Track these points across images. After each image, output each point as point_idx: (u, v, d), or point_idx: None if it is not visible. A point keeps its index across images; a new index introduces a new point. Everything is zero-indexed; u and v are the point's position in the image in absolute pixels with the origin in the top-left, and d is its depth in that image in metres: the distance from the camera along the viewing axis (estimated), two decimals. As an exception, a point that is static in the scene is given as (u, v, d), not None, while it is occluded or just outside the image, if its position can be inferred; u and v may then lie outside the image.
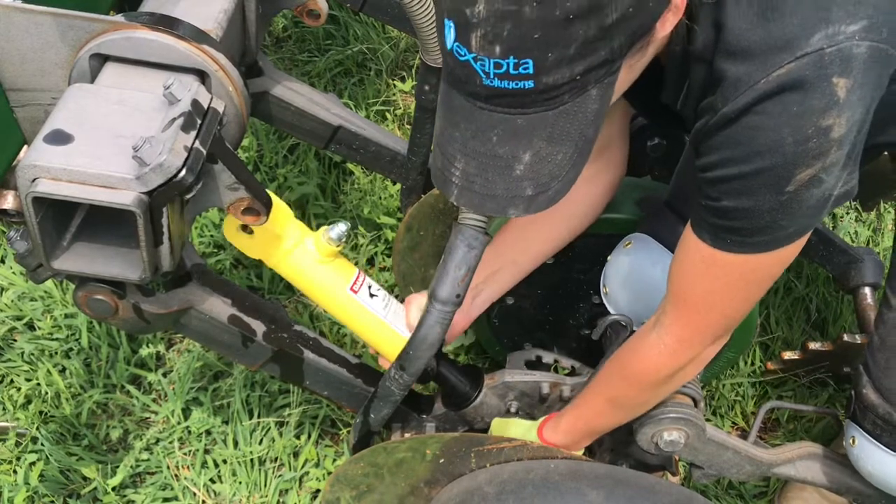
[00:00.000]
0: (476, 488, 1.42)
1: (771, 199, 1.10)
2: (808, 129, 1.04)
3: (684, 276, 1.29)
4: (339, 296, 1.50)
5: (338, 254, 1.48)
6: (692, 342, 1.34)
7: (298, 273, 1.47)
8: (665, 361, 1.36)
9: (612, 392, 1.47)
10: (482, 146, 1.04)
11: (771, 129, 1.05)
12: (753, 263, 1.20)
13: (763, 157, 1.07)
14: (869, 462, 1.54)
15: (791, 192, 1.09)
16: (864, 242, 2.55)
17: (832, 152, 1.06)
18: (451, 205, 1.89)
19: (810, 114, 1.03)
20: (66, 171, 1.15)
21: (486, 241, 1.40)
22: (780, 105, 1.04)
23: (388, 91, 2.89)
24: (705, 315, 1.30)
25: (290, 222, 1.44)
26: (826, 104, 1.03)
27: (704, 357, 1.38)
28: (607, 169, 1.59)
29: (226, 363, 2.22)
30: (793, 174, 1.07)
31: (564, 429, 1.54)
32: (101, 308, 1.38)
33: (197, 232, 2.47)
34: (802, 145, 1.05)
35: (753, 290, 1.27)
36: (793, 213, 1.12)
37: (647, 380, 1.41)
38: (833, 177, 1.10)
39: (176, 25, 1.32)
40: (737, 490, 2.08)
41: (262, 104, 1.77)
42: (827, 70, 1.02)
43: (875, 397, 1.49)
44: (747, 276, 1.23)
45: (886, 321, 1.46)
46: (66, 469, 2.04)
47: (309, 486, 2.04)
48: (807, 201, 1.11)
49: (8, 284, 2.37)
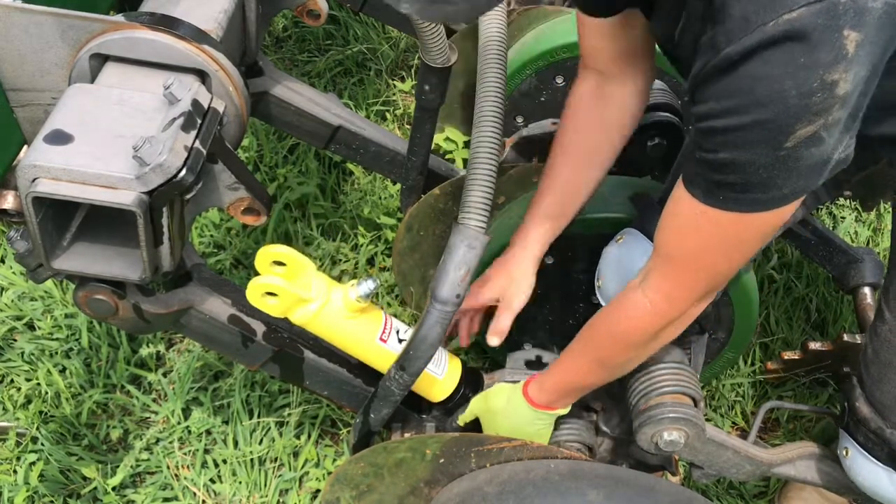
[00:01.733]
0: (476, 488, 1.42)
1: (769, 154, 1.06)
2: (813, 83, 0.99)
3: (673, 234, 1.26)
4: (369, 348, 1.50)
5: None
6: (679, 300, 1.31)
7: (327, 330, 1.46)
8: (651, 320, 1.34)
9: (598, 352, 1.46)
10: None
11: (774, 80, 1.00)
12: (745, 222, 1.16)
13: (764, 109, 1.02)
14: (861, 474, 1.54)
15: (790, 149, 1.04)
16: (864, 242, 2.55)
17: (835, 109, 1.02)
18: (451, 205, 1.89)
19: (817, 66, 0.98)
20: (66, 171, 1.15)
21: (486, 241, 1.40)
22: (786, 54, 0.98)
23: (388, 91, 2.89)
24: (693, 273, 1.28)
25: (312, 281, 1.42)
26: (834, 57, 0.98)
27: (689, 315, 1.35)
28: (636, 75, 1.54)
29: (226, 363, 2.22)
30: (793, 129, 1.02)
31: (549, 388, 1.53)
32: (102, 308, 1.38)
33: (197, 232, 2.47)
34: (806, 99, 1.00)
35: (744, 249, 1.25)
36: (789, 172, 1.08)
37: (633, 339, 1.38)
38: (834, 138, 1.06)
39: (176, 25, 1.32)
40: (737, 490, 2.08)
41: (263, 104, 1.77)
42: (839, 21, 0.97)
43: (868, 411, 1.48)
44: (739, 234, 1.20)
45: (880, 333, 1.44)
46: (66, 469, 2.04)
47: (309, 486, 2.04)
48: (805, 160, 1.07)
49: (8, 284, 2.37)
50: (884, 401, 1.46)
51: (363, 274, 2.41)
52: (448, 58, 1.61)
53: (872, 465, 1.51)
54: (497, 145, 1.50)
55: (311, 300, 1.41)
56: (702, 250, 1.24)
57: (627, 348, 1.41)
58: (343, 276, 2.41)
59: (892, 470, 1.49)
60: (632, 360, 1.46)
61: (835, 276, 2.10)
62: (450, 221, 1.86)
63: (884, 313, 1.43)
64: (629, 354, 1.43)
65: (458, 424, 1.63)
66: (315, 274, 1.43)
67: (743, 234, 1.19)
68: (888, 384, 1.45)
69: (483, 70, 1.60)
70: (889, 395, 1.45)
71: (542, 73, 2.13)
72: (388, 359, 1.49)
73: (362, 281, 1.43)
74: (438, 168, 2.07)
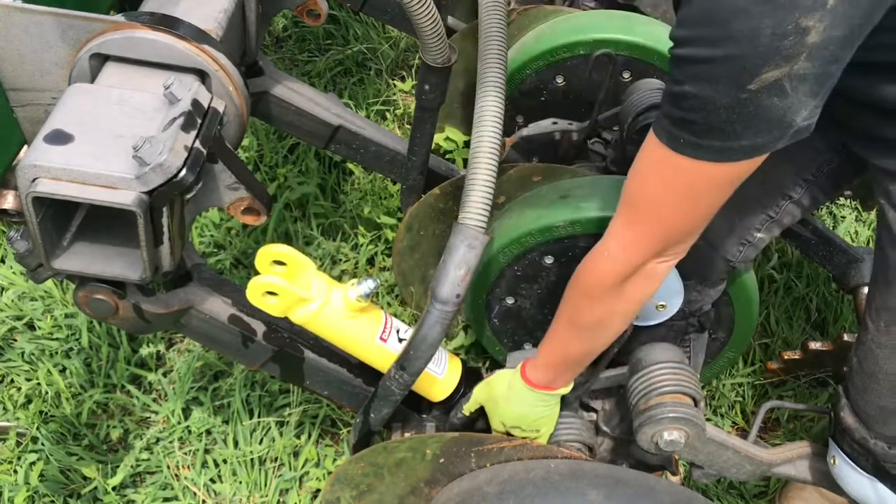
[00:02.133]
0: (476, 488, 1.42)
1: (730, 92, 1.05)
2: (787, 25, 1.00)
3: (635, 177, 1.27)
4: (369, 347, 1.50)
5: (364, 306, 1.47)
6: (634, 248, 1.31)
7: (327, 330, 1.46)
8: (609, 267, 1.34)
9: (568, 311, 1.46)
10: None
11: (752, 16, 1.01)
12: (701, 171, 1.16)
13: (736, 44, 1.03)
14: (847, 483, 1.55)
15: (752, 92, 1.04)
16: (864, 242, 2.56)
17: (801, 59, 1.02)
18: (451, 205, 1.89)
19: (795, 8, 0.99)
20: (67, 170, 1.15)
21: (486, 240, 1.40)
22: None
23: (388, 91, 2.89)
24: (647, 219, 1.28)
25: (312, 280, 1.42)
26: (813, 3, 0.99)
27: (651, 273, 1.34)
28: None
29: (226, 363, 2.22)
30: (759, 70, 1.03)
31: (542, 363, 1.53)
32: (102, 308, 1.38)
33: (197, 232, 2.47)
34: (778, 41, 1.01)
35: (701, 201, 1.24)
36: (749, 120, 1.08)
37: (594, 290, 1.38)
38: (798, 97, 1.06)
39: (176, 25, 1.32)
40: (737, 490, 2.08)
41: (263, 104, 1.77)
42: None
43: (852, 421, 1.49)
44: (694, 183, 1.20)
45: (864, 343, 1.44)
46: (67, 469, 2.04)
47: (309, 485, 2.04)
48: (766, 111, 1.06)
49: (8, 284, 2.37)
50: (868, 411, 1.46)
51: (363, 273, 2.41)
52: (448, 57, 1.61)
53: (858, 474, 1.52)
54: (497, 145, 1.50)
55: (311, 300, 1.41)
56: (659, 196, 1.24)
57: (591, 302, 1.40)
58: (343, 276, 2.41)
59: (877, 480, 1.49)
60: (604, 322, 1.43)
61: (835, 275, 2.10)
62: (450, 221, 1.86)
63: (867, 324, 1.43)
64: (595, 311, 1.41)
65: (464, 414, 1.63)
66: (315, 273, 1.43)
67: (699, 184, 1.20)
68: (872, 394, 1.45)
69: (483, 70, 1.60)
70: (872, 405, 1.45)
71: (542, 73, 2.13)
72: (388, 358, 1.49)
73: (362, 280, 1.43)
74: (438, 168, 2.07)
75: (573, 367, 1.53)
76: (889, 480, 1.48)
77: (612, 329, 1.46)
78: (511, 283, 1.86)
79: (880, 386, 1.43)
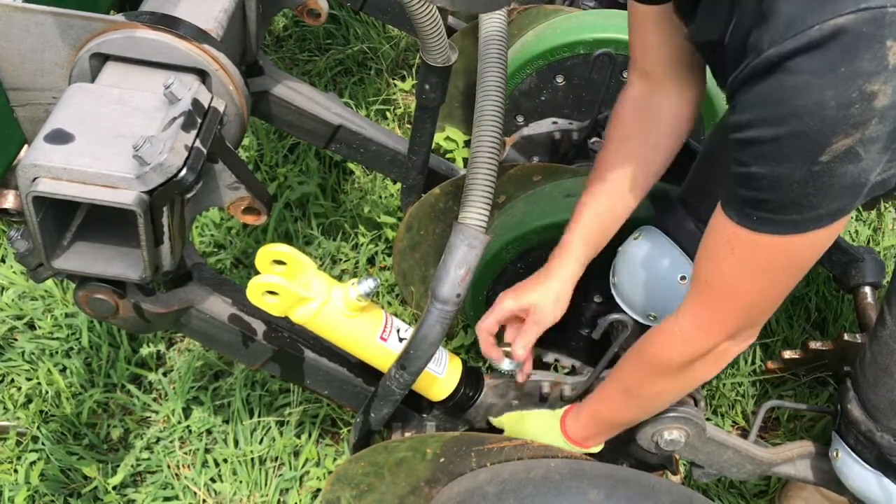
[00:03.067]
0: (476, 487, 1.42)
1: (803, 168, 1.02)
2: (852, 93, 0.97)
3: (708, 258, 1.23)
4: (369, 346, 1.50)
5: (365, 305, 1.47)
6: (708, 329, 1.27)
7: (327, 329, 1.46)
8: (678, 347, 1.30)
9: (627, 380, 1.43)
10: None
11: (813, 90, 0.98)
12: (780, 246, 1.13)
13: (801, 120, 1.00)
14: (850, 476, 1.55)
15: (825, 164, 1.01)
16: (864, 241, 2.55)
17: (873, 123, 0.99)
18: (452, 204, 1.89)
19: (857, 76, 0.96)
20: (67, 170, 1.15)
21: (487, 240, 1.40)
22: (826, 61, 0.97)
23: (389, 90, 2.89)
24: (723, 300, 1.24)
25: (313, 280, 1.42)
26: (875, 67, 0.96)
27: (722, 352, 1.30)
28: (688, 82, 1.49)
29: (226, 362, 2.22)
30: (829, 141, 1.00)
31: (584, 419, 1.51)
32: (102, 307, 1.38)
33: (197, 232, 2.47)
34: (844, 110, 0.98)
35: (780, 278, 1.20)
36: (824, 190, 1.04)
37: (660, 366, 1.35)
38: (871, 157, 1.02)
39: (176, 25, 1.32)
40: (737, 489, 2.08)
41: (263, 103, 1.77)
42: (885, 30, 0.95)
43: (859, 413, 1.48)
44: (772, 259, 1.16)
45: (880, 337, 1.44)
46: (67, 468, 2.04)
47: (309, 485, 2.04)
48: (841, 178, 1.03)
49: (8, 284, 2.37)
50: (878, 404, 1.46)
51: (363, 273, 2.41)
52: (448, 57, 1.61)
53: (861, 468, 1.51)
54: (497, 144, 1.50)
55: (311, 299, 1.41)
56: (735, 276, 1.20)
57: (653, 376, 1.38)
58: (343, 276, 2.41)
59: (881, 473, 1.49)
60: (661, 394, 1.42)
61: (835, 275, 2.10)
62: (450, 221, 1.86)
63: (885, 317, 1.43)
64: (657, 385, 1.39)
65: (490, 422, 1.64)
66: (315, 273, 1.43)
67: (777, 259, 1.16)
68: (883, 388, 1.45)
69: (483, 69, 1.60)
70: (884, 398, 1.45)
71: (542, 73, 2.13)
72: (388, 358, 1.49)
73: (363, 280, 1.43)
74: (439, 167, 2.07)
75: (611, 431, 1.53)
76: (893, 473, 1.48)
77: (667, 402, 1.45)
78: (513, 280, 1.85)
79: (893, 380, 1.43)
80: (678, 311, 1.30)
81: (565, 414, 1.56)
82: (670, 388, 1.40)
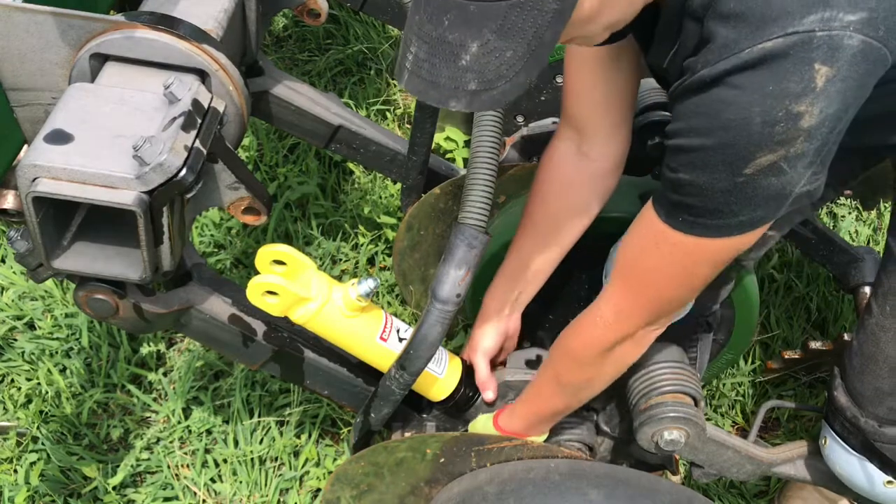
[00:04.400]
0: (476, 487, 1.42)
1: (727, 178, 1.08)
2: (778, 112, 1.01)
3: (632, 248, 1.28)
4: (369, 347, 1.50)
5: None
6: (627, 318, 1.32)
7: (327, 330, 1.46)
8: (600, 334, 1.35)
9: (555, 370, 1.47)
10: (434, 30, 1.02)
11: (741, 106, 1.02)
12: (701, 247, 1.18)
13: (727, 133, 1.04)
14: (837, 463, 1.57)
15: (748, 176, 1.06)
16: (864, 241, 2.55)
17: (798, 142, 1.04)
18: (452, 204, 1.89)
19: (784, 96, 1.00)
20: (67, 170, 1.15)
21: (486, 240, 1.40)
22: (755, 80, 1.01)
23: (389, 90, 2.89)
24: (643, 290, 1.29)
25: (313, 280, 1.42)
26: (802, 89, 1.00)
27: (640, 339, 1.36)
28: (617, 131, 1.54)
29: (226, 362, 2.22)
30: (753, 156, 1.05)
31: (519, 414, 1.54)
32: (102, 308, 1.38)
33: (197, 231, 2.47)
34: (769, 127, 1.02)
35: (697, 274, 1.25)
36: (747, 199, 1.09)
37: (582, 354, 1.40)
38: (796, 171, 1.07)
39: (176, 25, 1.32)
40: (737, 489, 2.08)
41: (263, 103, 1.77)
42: (812, 54, 0.99)
43: (845, 400, 1.50)
44: (693, 258, 1.21)
45: (866, 326, 1.46)
46: (67, 468, 2.04)
47: (309, 485, 2.04)
48: (763, 190, 1.08)
49: (8, 284, 2.37)
50: (864, 392, 1.48)
51: (363, 273, 2.41)
52: (448, 57, 1.60)
53: (847, 453, 1.53)
54: (497, 145, 1.50)
55: (311, 299, 1.41)
56: (655, 269, 1.25)
57: (579, 365, 1.42)
58: (343, 276, 2.41)
59: (865, 459, 1.51)
60: (590, 382, 1.46)
61: (835, 275, 2.10)
62: (450, 221, 1.86)
63: (872, 307, 1.45)
64: (583, 373, 1.43)
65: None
66: (315, 273, 1.43)
67: (697, 258, 1.21)
68: (869, 376, 1.46)
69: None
70: (869, 386, 1.47)
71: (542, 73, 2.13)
72: (388, 358, 1.49)
73: (363, 280, 1.43)
74: (439, 167, 2.07)
75: (549, 420, 1.56)
76: (877, 458, 1.50)
77: (595, 389, 1.48)
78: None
79: (879, 368, 1.45)
80: (599, 300, 1.35)
81: (499, 413, 1.59)
82: (597, 374, 1.44)
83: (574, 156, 1.55)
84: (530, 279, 1.64)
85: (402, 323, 1.54)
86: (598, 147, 1.53)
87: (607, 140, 1.53)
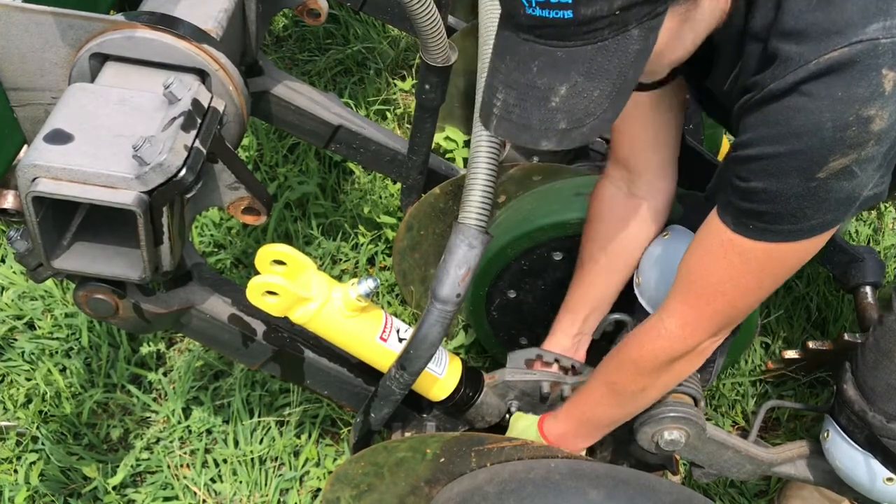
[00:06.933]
0: (476, 487, 1.42)
1: (800, 184, 1.10)
2: (848, 117, 1.04)
3: (699, 259, 1.28)
4: (369, 346, 1.50)
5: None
6: (694, 328, 1.33)
7: (327, 330, 1.46)
8: (663, 345, 1.35)
9: (610, 375, 1.47)
10: (522, 77, 1.07)
11: (812, 112, 1.05)
12: (772, 253, 1.19)
13: (799, 139, 1.06)
14: (838, 457, 1.56)
15: (821, 180, 1.09)
16: (864, 241, 2.55)
17: (869, 145, 1.06)
18: (452, 204, 1.89)
19: (853, 101, 1.03)
20: (66, 170, 1.15)
21: (487, 240, 1.40)
22: (824, 87, 1.03)
23: (389, 90, 2.89)
24: (712, 301, 1.29)
25: (313, 280, 1.42)
26: (871, 94, 1.02)
27: (703, 349, 1.37)
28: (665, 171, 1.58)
29: (226, 362, 2.22)
30: (826, 160, 1.07)
31: (563, 416, 1.54)
32: (102, 307, 1.38)
33: (197, 231, 2.47)
34: (841, 132, 1.04)
35: (766, 281, 1.26)
36: (819, 204, 1.12)
37: (643, 364, 1.39)
38: (866, 174, 1.10)
39: (176, 25, 1.32)
40: (737, 489, 2.08)
41: (263, 103, 1.77)
42: (879, 60, 1.02)
43: (854, 393, 1.50)
44: (763, 265, 1.22)
45: (885, 323, 1.46)
46: (67, 468, 2.04)
47: (309, 485, 2.04)
48: (836, 193, 1.10)
49: (8, 284, 2.37)
50: (875, 387, 1.48)
51: (363, 273, 2.41)
52: (448, 57, 1.61)
53: (849, 448, 1.53)
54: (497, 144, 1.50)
55: (311, 299, 1.41)
56: (725, 280, 1.26)
57: (637, 374, 1.42)
58: (343, 276, 2.41)
59: (869, 454, 1.51)
60: (645, 391, 1.45)
61: (835, 275, 2.10)
62: (450, 221, 1.86)
63: (893, 304, 1.45)
64: (640, 382, 1.43)
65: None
66: (315, 273, 1.43)
67: (768, 265, 1.22)
68: (882, 371, 1.46)
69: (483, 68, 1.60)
70: (881, 382, 1.47)
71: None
72: (388, 358, 1.49)
73: (363, 280, 1.43)
74: (439, 167, 2.07)
75: (594, 430, 1.55)
76: (881, 454, 1.50)
77: (648, 399, 1.48)
78: (516, 276, 1.86)
79: (893, 364, 1.45)
80: (662, 310, 1.36)
81: (544, 417, 1.58)
82: (653, 385, 1.44)
83: (625, 195, 1.59)
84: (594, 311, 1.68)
85: (402, 323, 1.54)
86: (647, 185, 1.57)
87: (656, 178, 1.57)
